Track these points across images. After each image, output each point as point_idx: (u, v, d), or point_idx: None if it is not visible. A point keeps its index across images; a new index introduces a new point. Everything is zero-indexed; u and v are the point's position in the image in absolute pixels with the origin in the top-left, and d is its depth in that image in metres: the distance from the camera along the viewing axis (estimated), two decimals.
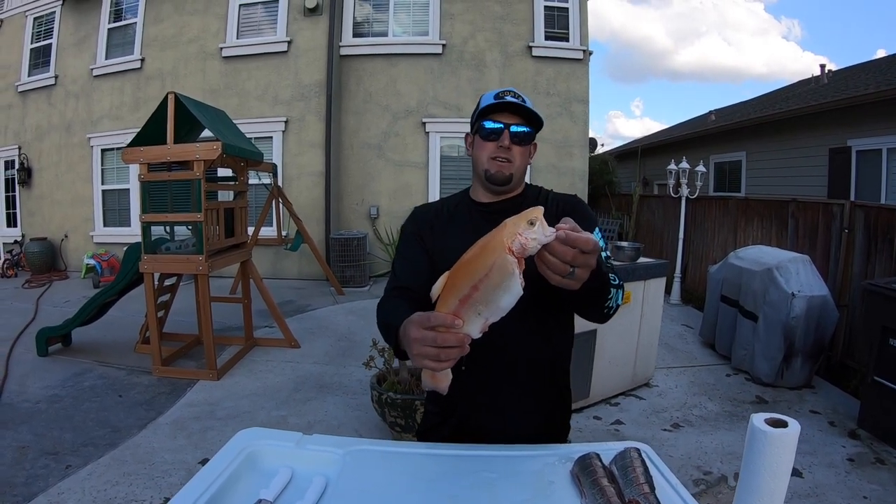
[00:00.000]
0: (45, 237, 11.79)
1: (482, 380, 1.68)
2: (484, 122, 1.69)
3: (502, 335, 1.65)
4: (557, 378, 1.79)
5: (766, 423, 1.08)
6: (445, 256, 1.56)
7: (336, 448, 1.55)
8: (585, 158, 11.32)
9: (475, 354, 1.68)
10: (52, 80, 11.88)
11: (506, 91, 1.70)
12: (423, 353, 1.16)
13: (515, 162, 1.69)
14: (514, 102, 1.66)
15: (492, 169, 1.69)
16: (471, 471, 1.43)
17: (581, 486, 1.34)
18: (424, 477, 1.41)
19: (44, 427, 4.32)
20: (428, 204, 1.89)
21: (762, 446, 1.05)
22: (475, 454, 1.54)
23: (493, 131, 1.68)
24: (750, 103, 17.08)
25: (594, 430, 4.49)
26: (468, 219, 1.76)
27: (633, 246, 5.16)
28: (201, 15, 11.01)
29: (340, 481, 1.40)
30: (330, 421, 4.51)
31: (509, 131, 1.67)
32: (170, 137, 5.15)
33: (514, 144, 1.68)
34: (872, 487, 3.62)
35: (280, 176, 9.79)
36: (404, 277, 1.73)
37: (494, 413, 1.70)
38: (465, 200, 1.83)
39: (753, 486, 1.06)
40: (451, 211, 1.81)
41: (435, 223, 1.78)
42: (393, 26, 11.08)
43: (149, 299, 5.38)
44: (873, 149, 9.71)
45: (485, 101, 1.70)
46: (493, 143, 1.68)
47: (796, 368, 5.35)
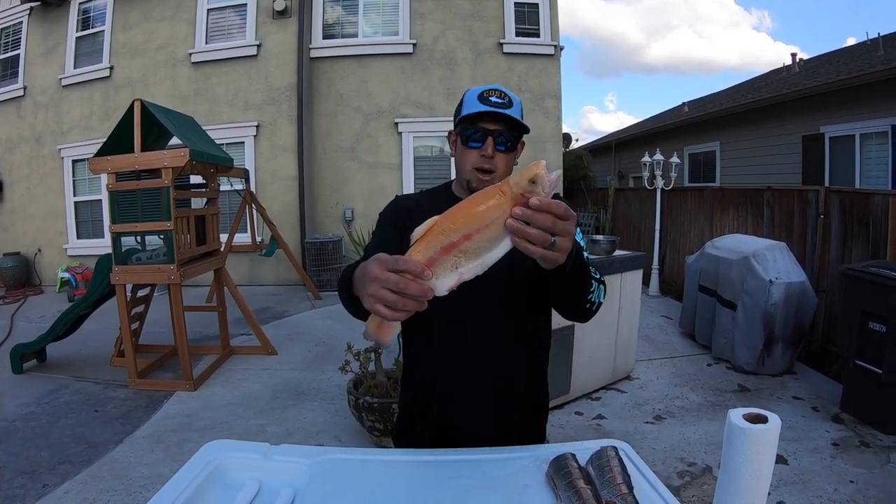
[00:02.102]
0: (18, 252, 11.60)
1: (458, 382, 1.65)
2: (467, 128, 1.60)
3: (480, 339, 1.62)
4: (534, 380, 1.75)
5: (745, 420, 1.03)
6: None
7: (303, 458, 1.51)
8: (559, 154, 11.32)
9: (452, 357, 1.65)
10: (21, 91, 11.68)
11: (491, 90, 1.60)
12: (378, 296, 1.04)
13: (499, 170, 1.60)
14: (499, 112, 1.57)
15: (474, 181, 1.60)
16: (442, 477, 1.40)
17: (556, 489, 1.30)
18: (395, 484, 1.37)
19: (20, 446, 4.23)
20: (409, 194, 1.83)
21: (741, 444, 1.01)
22: (447, 459, 1.50)
23: (475, 139, 1.59)
24: (723, 94, 17.21)
25: (576, 425, 4.47)
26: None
27: (609, 239, 5.15)
28: (169, 21, 10.88)
29: (308, 492, 1.36)
30: (309, 428, 4.46)
31: (494, 138, 1.58)
32: (137, 145, 5.07)
33: (497, 152, 1.59)
34: (858, 471, 3.63)
35: (253, 181, 9.69)
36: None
37: (469, 415, 1.66)
38: (447, 194, 1.76)
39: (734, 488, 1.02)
40: (432, 203, 1.71)
41: (414, 213, 1.69)
42: (363, 27, 11.02)
43: (121, 311, 5.30)
44: (846, 135, 9.80)
45: (468, 104, 1.61)
46: (475, 150, 1.60)
47: (777, 355, 5.37)
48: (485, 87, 1.61)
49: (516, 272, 1.56)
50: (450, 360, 1.65)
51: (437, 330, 1.64)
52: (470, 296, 1.53)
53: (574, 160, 15.41)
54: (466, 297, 1.52)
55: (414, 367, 1.76)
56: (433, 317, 1.61)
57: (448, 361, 1.65)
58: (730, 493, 1.01)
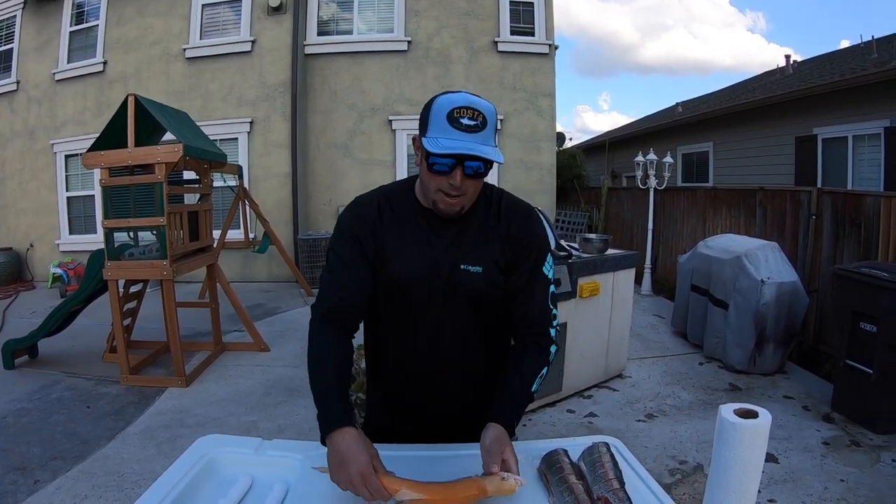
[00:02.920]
0: (10, 247, 11.54)
1: (423, 381, 1.68)
2: (434, 155, 1.42)
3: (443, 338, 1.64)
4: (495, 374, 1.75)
5: (736, 414, 1.04)
6: (384, 261, 1.58)
7: (296, 453, 1.52)
8: (553, 153, 11.35)
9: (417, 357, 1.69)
10: (14, 85, 11.62)
11: (462, 109, 1.42)
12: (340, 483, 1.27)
13: (468, 194, 1.50)
14: (468, 147, 1.40)
15: (440, 204, 1.50)
16: (434, 472, 1.40)
17: (548, 485, 1.31)
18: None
19: (11, 442, 4.21)
20: (370, 194, 1.68)
21: (732, 439, 1.01)
22: (438, 454, 1.51)
23: (442, 166, 1.44)
24: (717, 95, 17.23)
25: (568, 423, 4.48)
26: (412, 220, 1.60)
27: (602, 238, 5.16)
28: (164, 16, 10.83)
29: (301, 487, 1.36)
30: (301, 424, 4.45)
31: (463, 168, 1.43)
32: (130, 141, 5.04)
33: (467, 180, 1.46)
34: (849, 470, 3.65)
35: (246, 177, 9.65)
36: (337, 296, 1.59)
37: (434, 406, 1.71)
38: (410, 198, 1.63)
39: (725, 481, 1.02)
40: (395, 208, 1.63)
41: (381, 216, 1.61)
42: (358, 24, 11.01)
43: (114, 307, 5.28)
44: (839, 136, 9.83)
45: (436, 122, 1.44)
46: (443, 176, 1.45)
47: (768, 355, 5.39)
48: (455, 104, 1.43)
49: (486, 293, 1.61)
50: (414, 360, 1.67)
51: (402, 329, 1.66)
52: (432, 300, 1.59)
53: (567, 159, 15.40)
54: (429, 301, 1.58)
55: (380, 365, 1.77)
56: (397, 317, 1.64)
57: (413, 361, 1.67)
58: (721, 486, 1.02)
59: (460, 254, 1.56)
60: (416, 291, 1.58)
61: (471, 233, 1.50)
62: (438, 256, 1.56)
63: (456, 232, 1.57)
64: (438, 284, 1.56)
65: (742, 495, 1.01)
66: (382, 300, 1.64)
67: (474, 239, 1.52)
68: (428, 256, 1.56)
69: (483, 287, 1.57)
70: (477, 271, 1.55)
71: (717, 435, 1.04)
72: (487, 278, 1.57)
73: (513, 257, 1.60)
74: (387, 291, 1.61)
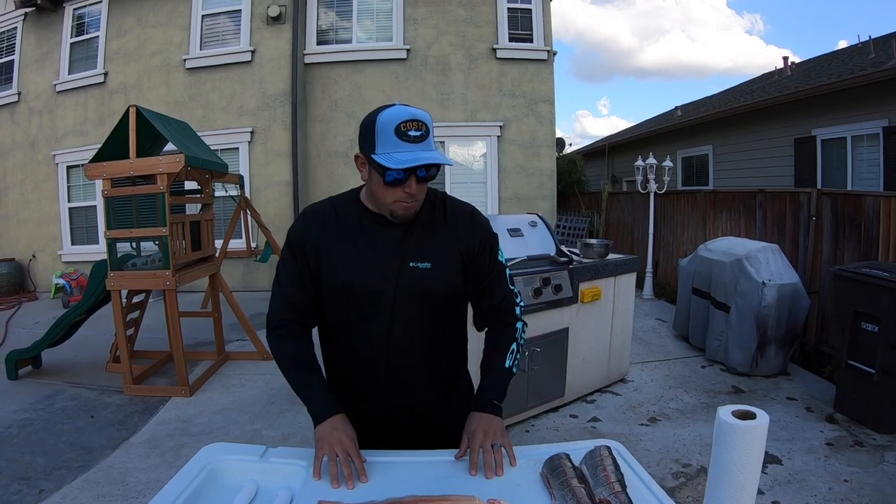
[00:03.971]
0: (12, 258, 11.58)
1: (376, 389, 1.72)
2: (388, 170, 1.49)
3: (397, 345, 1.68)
4: (455, 378, 1.86)
5: (734, 416, 1.05)
6: (330, 267, 1.65)
7: (300, 460, 1.53)
8: (553, 158, 11.34)
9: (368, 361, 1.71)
10: (15, 96, 11.68)
11: (408, 122, 1.49)
12: (328, 451, 1.49)
13: (420, 197, 1.59)
14: (418, 158, 1.49)
15: (398, 211, 1.58)
16: (436, 476, 1.41)
17: (550, 488, 1.32)
18: (390, 485, 1.38)
19: (15, 452, 4.21)
20: (318, 204, 1.78)
21: (730, 440, 1.02)
22: (440, 460, 1.52)
23: (396, 179, 1.52)
24: (715, 97, 17.23)
25: (570, 428, 4.48)
26: (357, 225, 1.67)
27: (602, 243, 5.17)
28: (164, 27, 10.89)
29: (306, 493, 1.37)
30: (304, 432, 4.45)
31: (416, 177, 1.54)
32: (132, 151, 5.07)
33: (419, 183, 1.56)
34: (853, 470, 3.65)
35: (247, 187, 9.68)
36: (284, 307, 1.73)
37: (384, 414, 1.74)
38: (355, 204, 1.71)
39: (724, 482, 1.03)
40: (341, 215, 1.70)
41: (326, 226, 1.69)
42: (357, 33, 11.03)
43: (117, 317, 5.29)
44: (838, 137, 9.83)
45: (382, 133, 1.51)
46: (399, 188, 1.54)
47: (770, 357, 5.39)
48: (400, 118, 1.50)
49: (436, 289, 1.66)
50: (368, 364, 1.70)
51: (353, 334, 1.70)
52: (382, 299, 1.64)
53: (568, 164, 15.43)
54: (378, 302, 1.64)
55: (335, 372, 1.80)
56: (347, 322, 1.70)
57: (366, 365, 1.70)
58: (720, 487, 1.03)
59: (408, 252, 1.62)
60: (362, 294, 1.63)
61: (417, 231, 1.55)
62: (385, 258, 1.62)
63: (402, 232, 1.64)
64: (387, 285, 1.61)
65: (741, 497, 1.02)
66: (331, 306, 1.70)
67: (421, 237, 1.57)
68: (373, 259, 1.63)
69: (432, 283, 1.62)
70: (426, 267, 1.61)
71: (716, 437, 1.05)
72: (436, 274, 1.62)
73: (468, 257, 1.68)
74: (334, 297, 1.68)
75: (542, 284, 4.34)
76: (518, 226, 4.62)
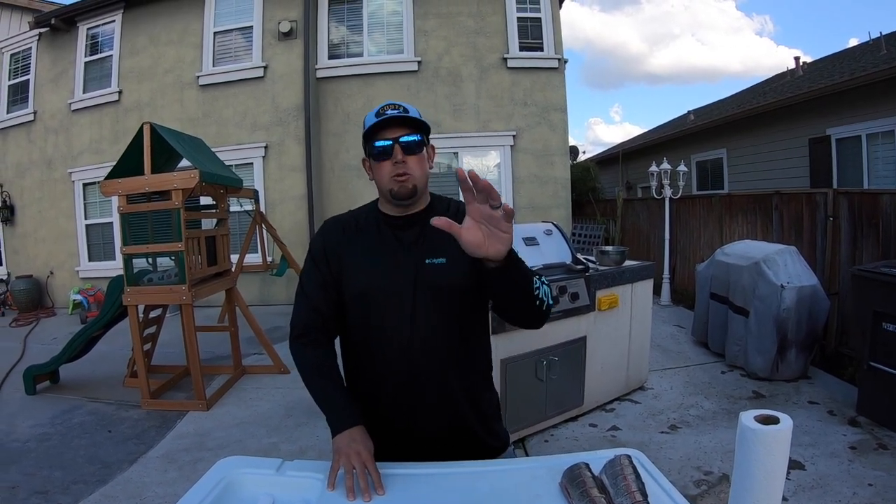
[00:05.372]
0: (30, 275, 11.67)
1: (399, 396, 1.70)
2: (373, 143, 1.65)
3: (417, 347, 1.67)
4: (480, 387, 1.81)
5: (757, 421, 1.03)
6: (350, 273, 1.69)
7: (317, 473, 1.52)
8: (567, 166, 11.32)
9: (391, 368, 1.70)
10: (31, 116, 11.81)
11: (386, 105, 1.66)
12: (344, 462, 1.49)
13: (415, 173, 1.66)
14: (396, 116, 1.63)
15: (394, 187, 1.65)
16: (455, 488, 1.40)
17: (570, 498, 1.30)
18: (408, 497, 1.37)
19: (33, 466, 4.24)
20: (338, 216, 1.86)
21: (753, 446, 1.00)
22: (459, 471, 1.50)
23: (383, 150, 1.64)
24: (728, 101, 17.18)
25: (590, 437, 4.44)
26: (375, 231, 1.74)
27: (618, 250, 5.13)
28: (176, 45, 10.99)
29: None
30: (322, 446, 4.44)
31: (399, 144, 1.63)
32: (147, 168, 5.11)
33: (407, 156, 1.65)
34: (877, 474, 3.59)
35: (262, 201, 9.74)
36: (307, 316, 1.78)
37: (410, 423, 1.71)
38: (374, 212, 1.80)
39: (748, 489, 1.01)
40: (361, 223, 1.78)
41: (345, 234, 1.77)
42: (368, 46, 11.07)
43: (134, 332, 5.32)
44: (852, 136, 9.76)
45: (367, 123, 1.67)
46: (387, 161, 1.65)
47: (791, 360, 5.33)
48: (379, 106, 1.67)
49: (453, 283, 1.65)
50: (389, 371, 1.69)
51: (375, 339, 1.70)
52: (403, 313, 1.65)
53: (581, 172, 15.37)
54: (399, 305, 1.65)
55: (358, 382, 1.80)
56: (369, 327, 1.71)
57: (388, 372, 1.70)
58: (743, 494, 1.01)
59: (424, 249, 1.67)
60: (382, 296, 1.66)
61: (432, 230, 1.52)
62: (402, 257, 1.67)
63: (418, 231, 1.69)
64: (405, 285, 1.64)
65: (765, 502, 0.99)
66: (353, 312, 1.73)
67: (436, 235, 1.52)
68: (392, 261, 1.67)
69: (448, 277, 1.64)
70: (441, 262, 1.64)
71: (739, 443, 1.03)
72: (452, 268, 1.63)
73: None
74: (355, 302, 1.71)
75: (558, 293, 4.32)
76: (533, 234, 4.60)
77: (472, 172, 1.23)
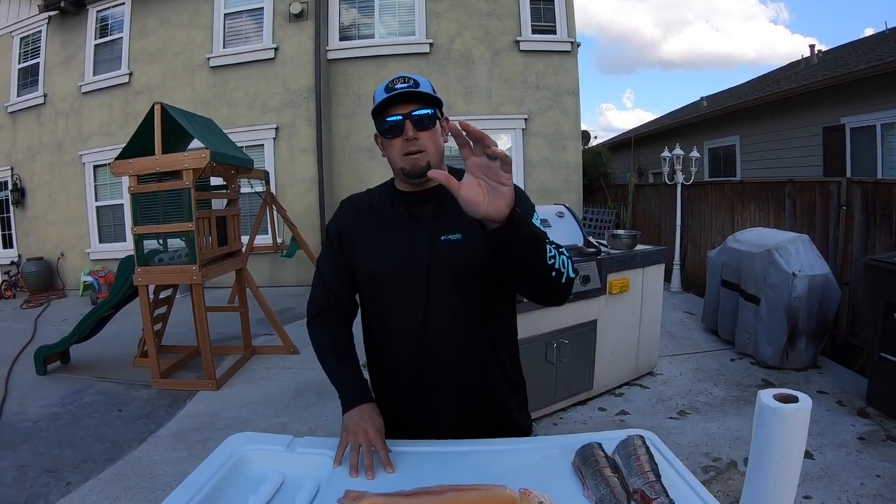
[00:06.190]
0: (41, 257, 11.75)
1: (417, 378, 1.66)
2: (385, 119, 1.58)
3: (437, 334, 1.62)
4: (502, 370, 1.72)
5: (776, 400, 1.01)
6: (363, 253, 1.67)
7: (328, 450, 1.51)
8: (579, 151, 11.26)
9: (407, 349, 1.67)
10: (41, 99, 11.84)
11: (396, 79, 1.59)
12: (352, 439, 1.48)
13: (428, 149, 1.58)
14: (406, 90, 1.55)
15: (407, 165, 1.58)
16: (467, 467, 1.39)
17: (583, 478, 1.29)
18: (420, 476, 1.36)
19: (44, 445, 4.27)
20: (355, 195, 1.83)
21: (772, 424, 0.98)
22: (471, 450, 1.49)
23: (394, 126, 1.57)
24: (741, 87, 17.03)
25: (599, 421, 4.44)
26: (389, 209, 1.70)
27: (630, 234, 5.11)
28: (187, 27, 10.97)
29: (332, 484, 1.35)
30: (331, 426, 4.45)
31: (410, 120, 1.56)
32: (158, 148, 5.10)
33: (419, 132, 1.57)
34: (885, 465, 3.58)
35: (273, 183, 9.73)
36: (323, 297, 1.80)
37: (429, 407, 1.67)
38: (390, 190, 1.75)
39: (764, 467, 0.99)
40: (375, 202, 1.74)
41: (360, 214, 1.74)
42: (379, 28, 11.02)
43: (144, 312, 5.33)
44: (867, 125, 9.67)
45: (377, 98, 1.60)
46: (399, 138, 1.57)
47: (801, 349, 5.30)
48: (388, 80, 1.60)
49: (469, 260, 1.59)
50: (407, 350, 1.66)
51: (392, 317, 1.67)
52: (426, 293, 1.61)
53: (593, 157, 15.29)
54: (413, 282, 1.61)
55: (378, 362, 1.78)
56: (385, 306, 1.68)
57: (405, 351, 1.66)
58: (761, 474, 0.99)
59: (439, 226, 1.61)
60: (394, 276, 1.63)
61: (448, 206, 1.49)
62: (416, 235, 1.62)
63: (434, 207, 1.64)
64: (420, 262, 1.59)
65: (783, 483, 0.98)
66: (368, 292, 1.72)
67: (452, 211, 1.46)
68: (406, 238, 1.62)
69: (464, 254, 1.58)
70: (457, 238, 1.59)
71: (757, 421, 1.01)
72: (468, 245, 1.57)
73: None
74: (370, 281, 1.69)
75: None
76: (545, 216, 4.58)
77: (463, 122, 1.19)
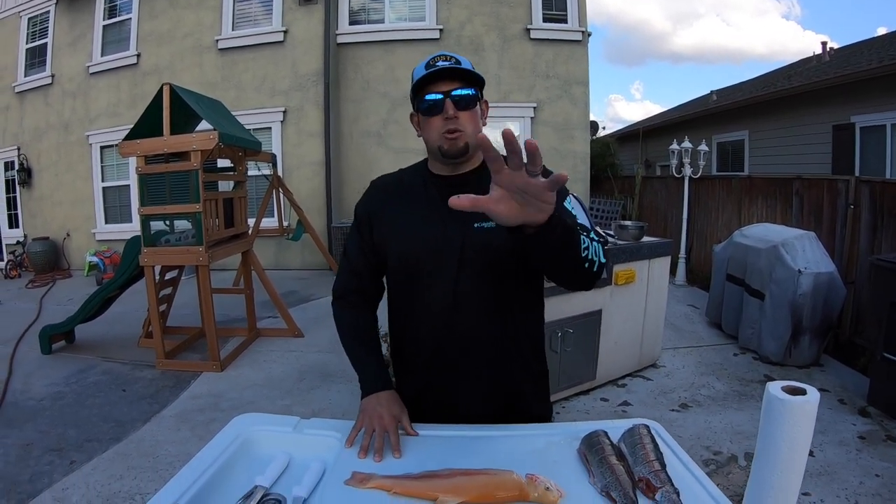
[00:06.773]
0: (47, 237, 11.78)
1: (441, 363, 1.65)
2: (424, 97, 1.54)
3: (464, 322, 1.61)
4: (525, 360, 1.69)
5: (784, 392, 1.01)
6: (392, 237, 1.64)
7: (334, 432, 1.52)
8: (587, 141, 11.23)
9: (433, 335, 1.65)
10: (49, 79, 11.83)
11: (437, 56, 1.56)
12: (362, 427, 1.51)
13: (467, 130, 1.54)
14: (448, 67, 1.52)
15: (445, 145, 1.54)
16: (472, 451, 1.39)
17: (588, 465, 1.29)
18: (425, 459, 1.37)
19: (48, 424, 4.30)
20: (386, 175, 1.79)
21: (780, 416, 0.98)
22: (477, 434, 1.50)
23: (433, 104, 1.52)
24: (752, 82, 16.95)
25: (601, 411, 4.45)
26: (424, 191, 1.65)
27: (637, 225, 5.11)
28: (195, 9, 10.94)
29: (339, 466, 1.36)
30: (334, 409, 4.48)
31: (451, 99, 1.51)
32: (166, 129, 5.10)
33: (459, 111, 1.52)
34: (885, 465, 3.58)
35: (280, 166, 9.74)
36: (349, 278, 1.78)
37: (451, 393, 1.66)
38: (423, 172, 1.70)
39: (771, 459, 0.99)
40: (406, 184, 1.70)
41: (389, 196, 1.70)
42: (389, 13, 10.98)
43: (150, 293, 5.35)
44: (877, 124, 9.63)
45: (417, 74, 1.56)
46: (437, 116, 1.53)
47: (804, 347, 5.30)
48: (430, 57, 1.57)
49: (504, 249, 1.53)
50: (435, 337, 1.64)
51: (420, 303, 1.65)
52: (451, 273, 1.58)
53: (601, 148, 15.22)
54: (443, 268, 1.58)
55: (403, 350, 1.77)
56: (413, 290, 1.66)
57: (433, 338, 1.64)
58: (767, 464, 0.99)
59: (474, 214, 1.48)
60: (423, 262, 1.59)
61: (483, 193, 1.46)
62: (449, 221, 1.54)
63: (469, 192, 1.46)
64: (449, 251, 1.56)
65: (789, 475, 0.98)
66: (396, 275, 1.69)
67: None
68: (437, 223, 1.57)
69: (497, 241, 1.52)
70: (491, 226, 1.52)
71: (764, 412, 1.01)
72: (501, 233, 1.42)
73: None
74: (396, 267, 1.67)
75: None
76: None
77: (509, 132, 1.08)
